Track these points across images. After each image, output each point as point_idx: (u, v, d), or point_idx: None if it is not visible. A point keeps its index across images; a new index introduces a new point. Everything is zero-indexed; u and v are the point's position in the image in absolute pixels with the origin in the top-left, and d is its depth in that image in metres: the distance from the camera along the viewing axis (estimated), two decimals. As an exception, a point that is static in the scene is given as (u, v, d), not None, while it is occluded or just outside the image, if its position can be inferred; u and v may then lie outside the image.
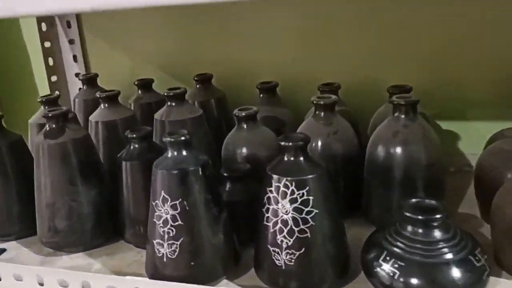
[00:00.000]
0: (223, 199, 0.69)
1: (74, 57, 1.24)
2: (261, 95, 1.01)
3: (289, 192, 0.61)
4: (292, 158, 0.63)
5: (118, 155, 0.79)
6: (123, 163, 0.77)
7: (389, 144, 0.73)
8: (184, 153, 0.66)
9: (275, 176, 0.62)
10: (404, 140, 0.72)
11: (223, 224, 0.68)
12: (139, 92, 1.06)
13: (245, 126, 0.86)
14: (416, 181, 0.72)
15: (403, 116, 0.74)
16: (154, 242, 0.66)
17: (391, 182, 0.73)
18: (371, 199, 0.78)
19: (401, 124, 0.73)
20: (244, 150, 0.84)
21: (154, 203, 0.66)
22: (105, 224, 0.82)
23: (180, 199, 0.64)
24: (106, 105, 0.91)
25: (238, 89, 1.11)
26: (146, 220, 0.70)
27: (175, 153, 0.65)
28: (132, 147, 0.78)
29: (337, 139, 0.79)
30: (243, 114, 0.85)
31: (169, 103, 0.90)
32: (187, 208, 0.64)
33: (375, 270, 0.60)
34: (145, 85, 1.05)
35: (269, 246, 0.63)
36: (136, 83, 1.06)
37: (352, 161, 0.80)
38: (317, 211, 0.61)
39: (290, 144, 0.62)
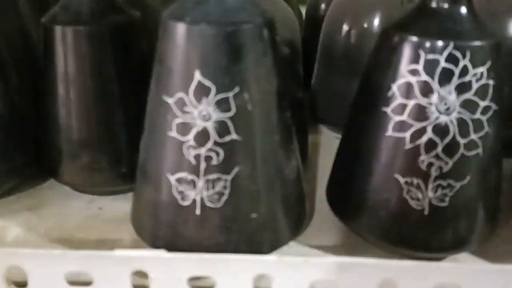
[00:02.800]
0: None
1: None
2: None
3: (457, 71, 0.32)
4: (446, 7, 0.33)
5: (44, 18, 0.40)
6: (58, 29, 0.39)
7: (512, 13, 0.47)
8: (232, -6, 0.31)
9: (424, 41, 0.32)
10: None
11: (294, 143, 0.36)
12: None
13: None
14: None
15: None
16: (171, 178, 0.32)
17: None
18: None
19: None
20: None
21: (171, 99, 0.31)
22: (18, 153, 0.43)
23: (238, 89, 0.30)
24: None
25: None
26: (115, 139, 0.41)
27: (213, -9, 0.31)
28: (73, 0, 0.40)
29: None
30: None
31: None
32: (249, 106, 0.31)
33: None
34: None
35: (397, 177, 0.34)
36: None
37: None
38: (496, 108, 0.33)
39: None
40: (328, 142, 0.57)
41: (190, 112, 0.31)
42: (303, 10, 0.75)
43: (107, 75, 0.40)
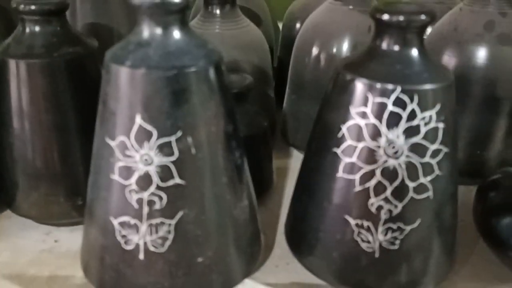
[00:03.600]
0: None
1: None
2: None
3: (405, 115, 0.31)
4: (396, 49, 0.32)
5: (-1, 50, 0.40)
6: (11, 63, 0.38)
7: (478, 42, 0.46)
8: (178, 34, 0.31)
9: (373, 85, 0.31)
10: (506, 35, 0.46)
11: (245, 183, 0.36)
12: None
13: (217, 12, 0.53)
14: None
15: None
16: (115, 222, 0.32)
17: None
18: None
19: (495, 11, 0.47)
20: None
21: (113, 142, 0.31)
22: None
23: (180, 133, 0.30)
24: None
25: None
26: (72, 171, 0.40)
27: (158, 32, 0.30)
28: (26, 33, 0.39)
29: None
30: (217, -7, 0.52)
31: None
32: (193, 150, 0.30)
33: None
34: None
35: (348, 218, 0.34)
36: None
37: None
38: (447, 150, 0.33)
39: (402, 19, 0.31)
40: (297, 166, 0.56)
41: (132, 156, 0.30)
42: (281, 24, 0.74)
43: (62, 107, 0.40)
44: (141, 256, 0.32)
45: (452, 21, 0.49)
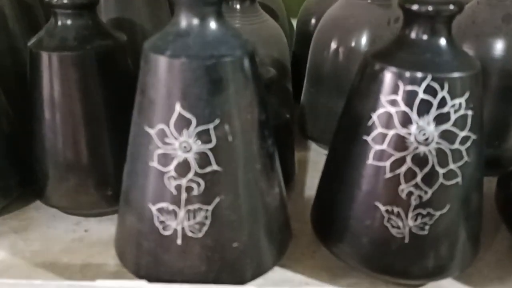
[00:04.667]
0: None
1: None
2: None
3: (436, 102, 0.32)
4: (425, 38, 0.33)
5: (31, 42, 0.41)
6: (44, 55, 0.39)
7: (496, 35, 0.47)
8: (214, 25, 0.32)
9: (403, 73, 0.32)
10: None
11: (276, 171, 0.37)
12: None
13: (238, 7, 0.54)
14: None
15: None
16: (153, 208, 0.33)
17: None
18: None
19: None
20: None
21: (152, 130, 0.31)
22: (7, 175, 0.44)
23: (218, 121, 0.31)
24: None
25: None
26: (101, 161, 0.42)
27: (196, 23, 0.31)
28: (59, 26, 0.40)
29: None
30: (239, -12, 0.53)
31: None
32: (230, 138, 0.31)
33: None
34: None
35: (378, 204, 0.34)
36: None
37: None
38: (475, 137, 0.34)
39: (431, 8, 0.32)
40: (316, 159, 0.57)
41: (171, 143, 0.31)
42: (294, 22, 0.75)
43: (93, 99, 0.40)
44: (179, 241, 0.32)
45: (470, 14, 0.50)
